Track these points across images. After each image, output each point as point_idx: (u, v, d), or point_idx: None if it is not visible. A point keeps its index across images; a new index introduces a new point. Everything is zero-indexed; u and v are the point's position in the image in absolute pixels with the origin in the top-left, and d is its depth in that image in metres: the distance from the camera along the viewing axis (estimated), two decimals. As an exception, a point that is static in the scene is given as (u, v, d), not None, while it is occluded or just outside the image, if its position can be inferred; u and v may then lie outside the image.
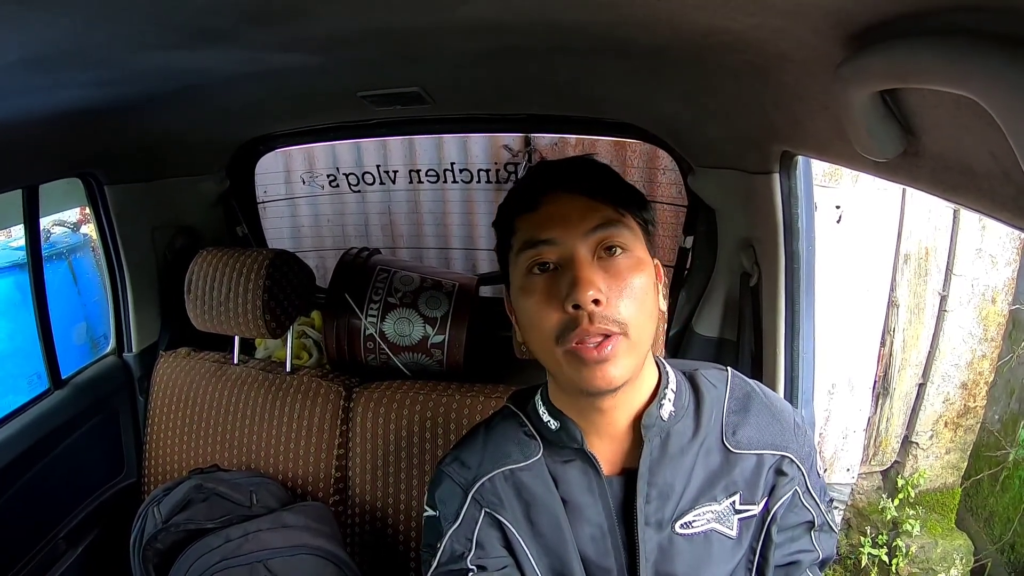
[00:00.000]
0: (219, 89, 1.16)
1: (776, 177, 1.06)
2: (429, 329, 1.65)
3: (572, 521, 0.77)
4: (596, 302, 0.66)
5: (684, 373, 0.83)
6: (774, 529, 0.76)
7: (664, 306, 0.77)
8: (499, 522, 0.78)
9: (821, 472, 0.85)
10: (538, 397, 0.84)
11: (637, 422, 0.76)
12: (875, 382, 2.91)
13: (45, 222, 3.19)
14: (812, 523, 0.79)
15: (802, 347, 1.14)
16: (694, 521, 0.75)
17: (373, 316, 1.66)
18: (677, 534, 0.75)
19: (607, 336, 0.67)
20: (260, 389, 1.52)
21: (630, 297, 0.69)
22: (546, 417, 0.80)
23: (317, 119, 1.68)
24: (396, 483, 1.41)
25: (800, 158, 1.04)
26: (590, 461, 0.77)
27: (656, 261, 0.77)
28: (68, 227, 3.21)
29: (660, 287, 0.77)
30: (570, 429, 0.77)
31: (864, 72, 0.51)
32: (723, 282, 1.47)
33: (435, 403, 1.41)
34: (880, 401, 2.96)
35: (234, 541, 1.13)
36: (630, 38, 0.75)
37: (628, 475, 0.77)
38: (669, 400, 0.77)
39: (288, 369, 1.57)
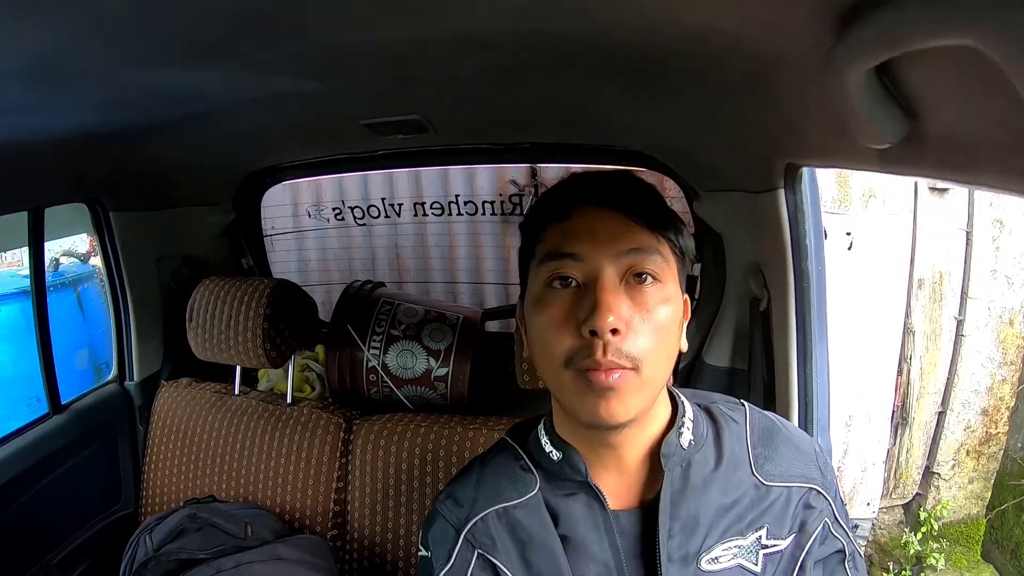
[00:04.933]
0: (222, 117, 1.16)
1: (781, 193, 1.04)
2: (432, 362, 1.63)
3: (574, 560, 0.72)
4: (615, 332, 0.61)
5: (699, 405, 0.79)
6: (809, 564, 0.72)
7: (685, 345, 0.71)
8: (493, 565, 0.73)
9: (844, 499, 0.81)
10: (541, 426, 0.79)
11: (651, 454, 0.72)
12: (893, 412, 2.84)
13: (55, 251, 3.28)
14: (843, 552, 0.76)
15: (815, 371, 1.10)
16: (720, 556, 0.70)
17: (376, 348, 1.64)
18: (703, 570, 0.70)
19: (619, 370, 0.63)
20: (260, 420, 1.50)
21: (651, 333, 0.64)
22: (548, 447, 0.76)
23: (322, 150, 1.69)
24: (396, 518, 1.37)
25: (805, 172, 1.02)
26: (594, 494, 0.72)
27: (685, 296, 0.72)
28: (77, 258, 3.26)
29: (685, 324, 0.72)
30: (573, 460, 0.72)
31: (857, 48, 0.50)
32: (733, 310, 1.45)
33: (436, 435, 1.38)
34: (899, 432, 2.89)
35: (225, 572, 1.09)
36: (624, 45, 0.74)
37: (645, 509, 0.72)
38: (688, 428, 0.73)
39: (289, 401, 1.55)
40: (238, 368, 1.57)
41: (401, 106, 1.18)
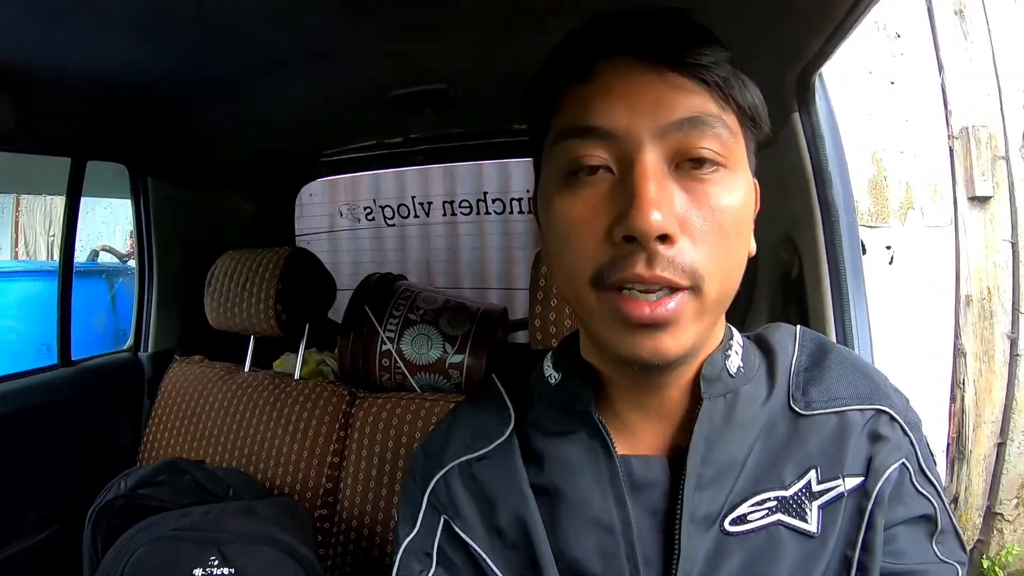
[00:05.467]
0: (257, 83, 1.22)
1: (796, 118, 0.99)
2: (448, 347, 1.60)
3: (564, 523, 0.54)
4: (664, 238, 0.44)
5: (748, 337, 0.61)
6: (880, 521, 0.51)
7: (754, 247, 0.53)
8: (459, 536, 0.57)
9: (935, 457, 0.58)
10: (550, 353, 0.62)
11: (693, 388, 0.54)
12: (948, 445, 2.63)
13: (95, 244, 3.44)
14: (933, 521, 0.53)
15: (855, 324, 1.00)
16: (750, 514, 0.52)
17: (392, 331, 1.63)
18: (727, 533, 0.51)
19: (671, 290, 0.45)
20: (264, 393, 1.46)
21: (717, 238, 0.46)
22: (548, 371, 0.59)
23: (357, 135, 1.74)
24: (389, 496, 1.29)
25: (817, 83, 0.97)
26: (599, 433, 0.54)
27: (755, 180, 0.53)
28: (117, 256, 3.43)
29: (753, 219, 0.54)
30: (574, 387, 0.56)
31: None
32: (765, 294, 1.37)
33: (442, 412, 1.30)
34: (955, 467, 2.66)
35: (192, 517, 1.04)
36: None
37: (677, 458, 0.54)
38: (736, 353, 0.55)
39: (296, 377, 1.53)
40: (251, 343, 1.55)
41: (425, 72, 1.22)
